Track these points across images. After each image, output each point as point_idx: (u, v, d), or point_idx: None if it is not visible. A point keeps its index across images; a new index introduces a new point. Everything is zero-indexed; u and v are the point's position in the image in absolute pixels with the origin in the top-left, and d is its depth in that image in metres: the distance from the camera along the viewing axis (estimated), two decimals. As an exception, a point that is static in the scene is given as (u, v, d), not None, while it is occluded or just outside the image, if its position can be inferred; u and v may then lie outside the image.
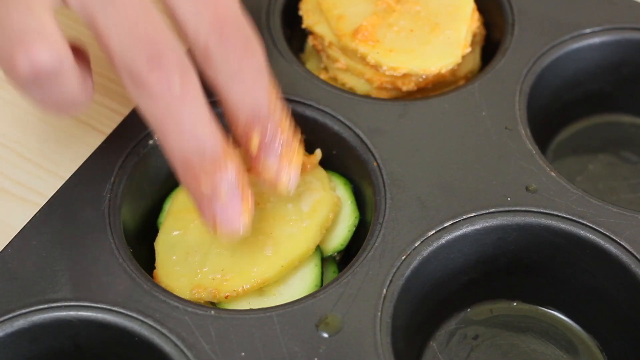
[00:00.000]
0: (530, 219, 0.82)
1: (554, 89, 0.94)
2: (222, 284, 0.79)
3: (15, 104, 0.99)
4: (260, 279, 0.79)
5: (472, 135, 0.86)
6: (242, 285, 0.79)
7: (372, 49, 0.90)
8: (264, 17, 0.94)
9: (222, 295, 0.79)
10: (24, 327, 0.76)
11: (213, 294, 0.79)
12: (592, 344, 0.85)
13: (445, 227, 0.81)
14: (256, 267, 0.80)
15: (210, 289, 0.79)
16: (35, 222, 0.81)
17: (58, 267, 0.78)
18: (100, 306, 0.77)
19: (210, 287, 0.79)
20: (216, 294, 0.79)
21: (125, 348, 0.77)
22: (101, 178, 0.83)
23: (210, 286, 0.79)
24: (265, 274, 0.80)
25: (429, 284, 0.82)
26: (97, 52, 1.03)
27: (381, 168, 0.84)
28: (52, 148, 0.96)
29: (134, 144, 0.86)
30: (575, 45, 0.93)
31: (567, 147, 0.97)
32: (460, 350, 0.84)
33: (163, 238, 0.83)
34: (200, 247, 0.82)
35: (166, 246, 0.83)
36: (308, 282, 0.82)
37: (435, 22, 0.91)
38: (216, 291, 0.79)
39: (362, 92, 0.92)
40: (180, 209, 0.85)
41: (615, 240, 0.80)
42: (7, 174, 0.94)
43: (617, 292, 0.82)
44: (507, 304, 0.87)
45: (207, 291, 0.79)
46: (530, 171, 0.84)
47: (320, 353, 0.75)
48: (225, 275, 0.80)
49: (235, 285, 0.79)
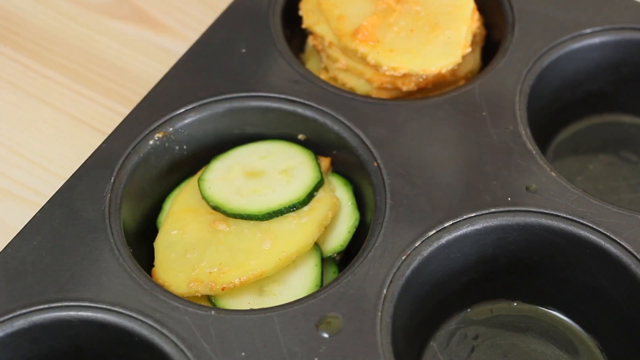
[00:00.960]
0: (530, 219, 0.82)
1: (554, 89, 0.94)
2: (219, 276, 0.79)
3: (15, 104, 0.99)
4: (258, 272, 0.79)
5: (472, 135, 0.86)
6: (239, 277, 0.79)
7: (372, 49, 0.90)
8: (264, 17, 0.94)
9: (218, 288, 0.79)
10: (24, 327, 0.76)
11: (210, 286, 0.79)
12: (592, 344, 0.85)
13: (446, 227, 0.81)
14: (254, 260, 0.80)
15: (207, 282, 0.79)
16: (35, 222, 0.81)
17: (58, 267, 0.78)
18: (100, 306, 0.77)
19: (207, 279, 0.79)
20: (213, 286, 0.79)
21: (125, 348, 0.77)
22: (101, 178, 0.83)
23: (207, 279, 0.79)
24: (263, 267, 0.80)
25: (429, 284, 0.82)
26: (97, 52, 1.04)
27: (381, 168, 0.84)
28: (52, 148, 0.96)
29: (134, 144, 0.86)
30: (575, 45, 0.93)
31: (567, 147, 0.97)
32: (461, 350, 0.84)
33: (162, 238, 0.83)
34: (198, 244, 0.82)
35: (165, 245, 0.83)
36: (308, 282, 0.82)
37: (435, 22, 0.91)
38: (213, 283, 0.79)
39: (362, 92, 0.92)
40: (179, 209, 0.85)
41: (615, 240, 0.80)
42: (7, 174, 0.94)
43: (617, 292, 0.82)
44: (507, 304, 0.87)
45: (203, 284, 0.79)
46: (530, 171, 0.84)
47: (320, 353, 0.75)
48: (223, 268, 0.80)
49: (232, 277, 0.79)
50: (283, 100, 0.88)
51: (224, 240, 0.81)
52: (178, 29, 1.06)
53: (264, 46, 0.92)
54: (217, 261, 0.80)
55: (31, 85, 1.00)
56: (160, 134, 0.87)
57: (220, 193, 0.84)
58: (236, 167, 0.86)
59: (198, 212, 0.84)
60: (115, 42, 1.04)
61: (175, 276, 0.80)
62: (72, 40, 1.04)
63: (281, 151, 0.87)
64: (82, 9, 1.06)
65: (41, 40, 1.04)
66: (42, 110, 0.99)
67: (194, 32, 1.04)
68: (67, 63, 1.02)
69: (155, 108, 0.88)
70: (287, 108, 0.88)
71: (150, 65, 1.03)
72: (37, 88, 1.00)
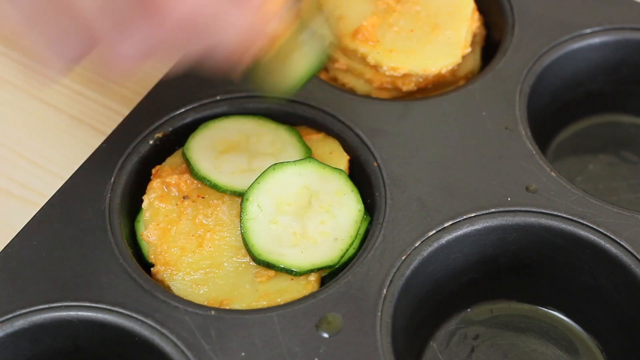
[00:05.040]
0: (530, 219, 0.82)
1: (554, 89, 0.94)
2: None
3: (15, 104, 0.99)
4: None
5: (472, 135, 0.86)
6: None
7: (372, 49, 0.90)
8: (264, 17, 0.94)
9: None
10: (24, 327, 0.76)
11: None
12: (592, 344, 0.85)
13: (446, 227, 0.81)
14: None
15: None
16: (35, 222, 0.81)
17: (58, 267, 0.78)
18: (100, 306, 0.77)
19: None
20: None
21: (126, 348, 0.77)
22: (101, 178, 0.83)
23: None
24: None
25: (429, 284, 0.82)
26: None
27: (381, 168, 0.84)
28: (52, 148, 0.96)
29: (134, 144, 0.86)
30: (575, 45, 0.93)
31: (567, 147, 0.97)
32: (461, 351, 0.84)
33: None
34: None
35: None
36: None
37: (435, 23, 0.91)
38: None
39: (362, 93, 0.92)
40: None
41: (615, 240, 0.80)
42: (7, 174, 0.94)
43: (617, 292, 0.82)
44: (507, 304, 0.87)
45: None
46: (530, 171, 0.84)
47: (320, 353, 0.75)
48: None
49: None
50: (283, 101, 0.88)
51: None
52: (178, 29, 1.06)
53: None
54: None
55: (31, 85, 1.00)
56: (160, 134, 0.87)
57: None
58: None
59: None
60: (115, 42, 1.04)
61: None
62: (72, 40, 1.04)
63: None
64: (82, 9, 1.06)
65: (41, 40, 1.04)
66: (42, 110, 0.98)
67: (194, 32, 1.04)
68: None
69: (155, 108, 0.88)
70: (287, 108, 0.88)
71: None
72: (37, 88, 1.00)
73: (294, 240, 0.80)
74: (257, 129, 0.86)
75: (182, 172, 0.84)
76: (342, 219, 0.81)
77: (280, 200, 0.81)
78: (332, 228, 0.81)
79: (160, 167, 0.85)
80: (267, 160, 0.84)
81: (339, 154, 0.86)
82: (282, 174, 0.82)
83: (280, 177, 0.82)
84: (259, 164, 0.83)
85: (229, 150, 0.85)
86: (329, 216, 0.81)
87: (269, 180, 0.82)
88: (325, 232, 0.81)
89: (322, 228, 0.81)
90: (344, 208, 0.82)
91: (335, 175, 0.83)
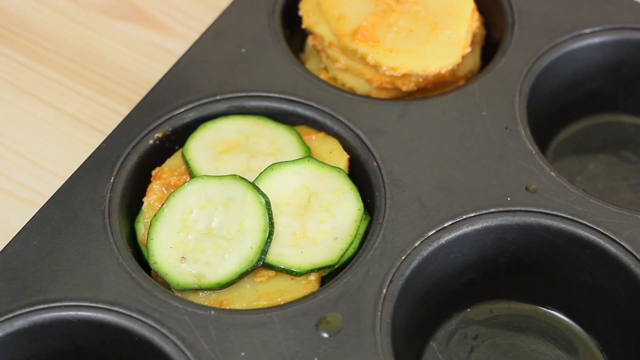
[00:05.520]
0: (530, 219, 0.82)
1: (554, 89, 0.94)
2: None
3: (15, 104, 0.99)
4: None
5: (472, 135, 0.86)
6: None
7: (372, 49, 0.90)
8: (264, 17, 0.94)
9: None
10: (24, 327, 0.76)
11: None
12: (592, 344, 0.85)
13: (445, 227, 0.81)
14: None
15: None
16: (35, 222, 0.81)
17: (58, 267, 0.78)
18: (100, 306, 0.77)
19: None
20: None
21: (125, 348, 0.77)
22: (101, 178, 0.83)
23: None
24: None
25: (429, 284, 0.82)
26: (96, 52, 1.04)
27: (381, 168, 0.84)
28: (52, 148, 0.96)
29: (134, 143, 0.86)
30: (575, 45, 0.93)
31: (567, 147, 0.97)
32: (460, 350, 0.84)
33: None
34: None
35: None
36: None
37: (435, 22, 0.91)
38: None
39: (362, 92, 0.92)
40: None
41: (615, 240, 0.80)
42: (7, 174, 0.94)
43: (617, 292, 0.82)
44: (507, 304, 0.87)
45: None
46: (530, 171, 0.84)
47: (320, 353, 0.75)
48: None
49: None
50: (283, 100, 0.89)
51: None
52: (178, 29, 1.06)
53: (263, 46, 0.92)
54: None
55: (31, 85, 1.00)
56: (160, 134, 0.87)
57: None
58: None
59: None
60: (115, 42, 1.04)
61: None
62: (72, 40, 1.04)
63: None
64: (82, 9, 1.06)
65: (41, 40, 1.04)
66: (42, 110, 0.99)
67: (194, 32, 1.04)
68: (67, 63, 1.02)
69: (155, 108, 0.88)
70: (287, 108, 0.88)
71: (150, 65, 1.03)
72: (37, 88, 1.00)
73: (293, 240, 0.80)
74: (257, 129, 0.86)
75: (181, 174, 0.84)
76: (342, 217, 0.81)
77: (279, 199, 0.81)
78: (331, 227, 0.81)
79: (160, 169, 0.85)
80: (266, 160, 0.84)
81: (338, 153, 0.86)
82: (280, 173, 0.82)
83: (279, 177, 0.82)
84: (258, 163, 0.83)
85: (228, 151, 0.85)
86: (328, 215, 0.81)
87: (268, 180, 0.82)
88: (325, 232, 0.80)
89: (321, 227, 0.81)
90: (343, 207, 0.82)
91: (334, 174, 0.83)
